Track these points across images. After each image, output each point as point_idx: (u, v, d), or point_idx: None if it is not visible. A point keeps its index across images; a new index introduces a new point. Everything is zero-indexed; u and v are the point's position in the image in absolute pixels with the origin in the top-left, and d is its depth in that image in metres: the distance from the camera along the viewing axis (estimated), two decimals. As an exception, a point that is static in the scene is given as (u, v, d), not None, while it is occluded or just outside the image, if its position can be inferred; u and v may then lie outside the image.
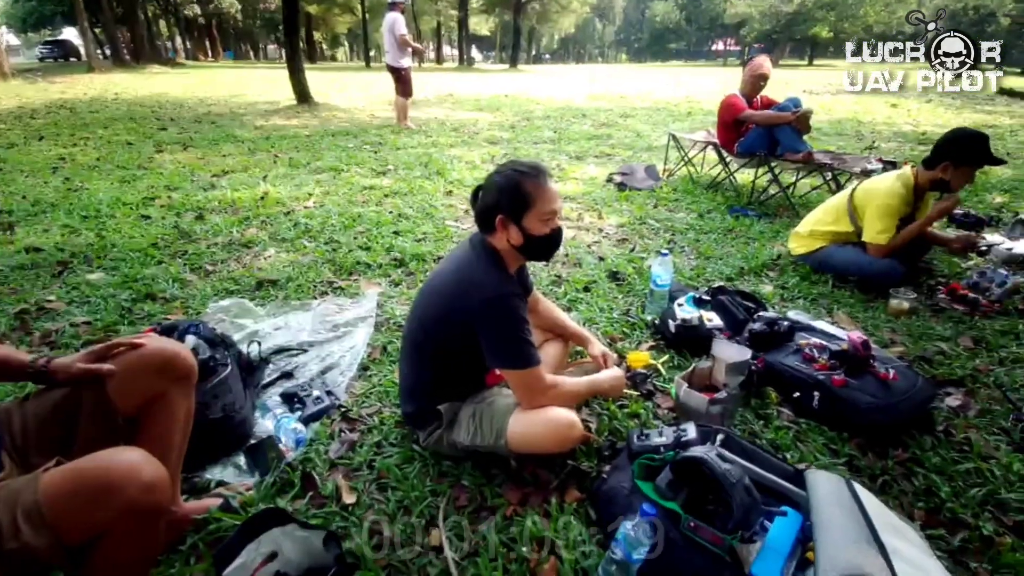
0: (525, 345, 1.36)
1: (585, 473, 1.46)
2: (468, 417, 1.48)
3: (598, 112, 10.11)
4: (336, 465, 1.53)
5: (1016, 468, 1.51)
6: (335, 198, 4.21)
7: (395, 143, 6.68)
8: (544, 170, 1.41)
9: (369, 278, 2.80)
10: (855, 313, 2.46)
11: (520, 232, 1.38)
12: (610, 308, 2.47)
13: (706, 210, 4.03)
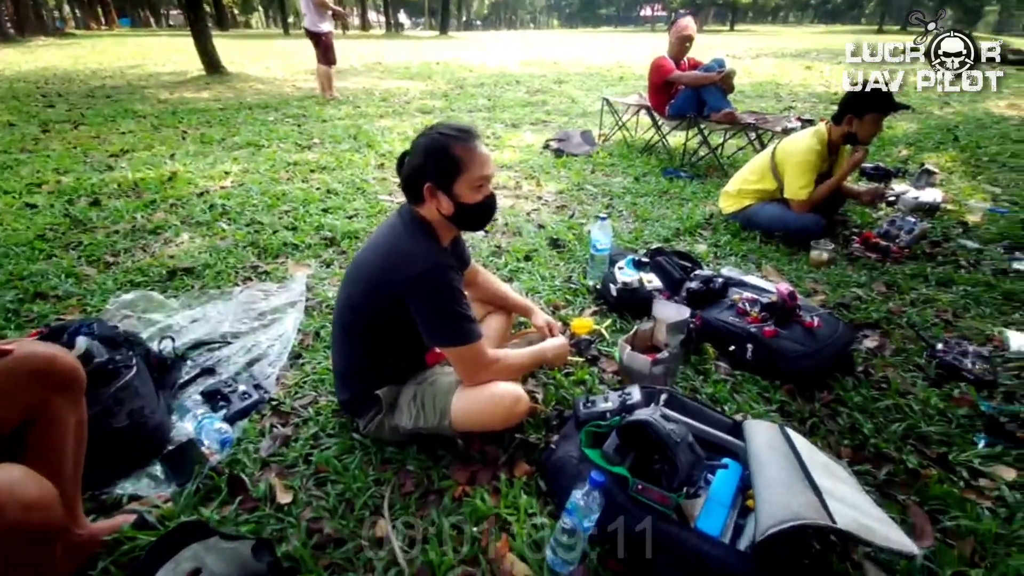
0: (463, 320, 1.29)
1: (534, 445, 1.44)
2: (409, 400, 1.41)
3: (532, 79, 9.93)
4: (268, 463, 1.42)
5: (933, 402, 1.64)
6: (255, 176, 3.89)
7: (320, 115, 6.26)
8: (474, 132, 1.32)
9: (297, 260, 2.61)
10: (781, 266, 2.58)
11: (450, 200, 1.29)
12: (552, 276, 2.44)
13: (641, 173, 4.07)
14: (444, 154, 1.26)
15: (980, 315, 2.16)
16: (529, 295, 2.29)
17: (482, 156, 1.29)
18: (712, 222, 3.10)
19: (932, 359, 1.84)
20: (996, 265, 2.56)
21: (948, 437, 1.52)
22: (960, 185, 3.74)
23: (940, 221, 3.07)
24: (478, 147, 1.29)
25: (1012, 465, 1.42)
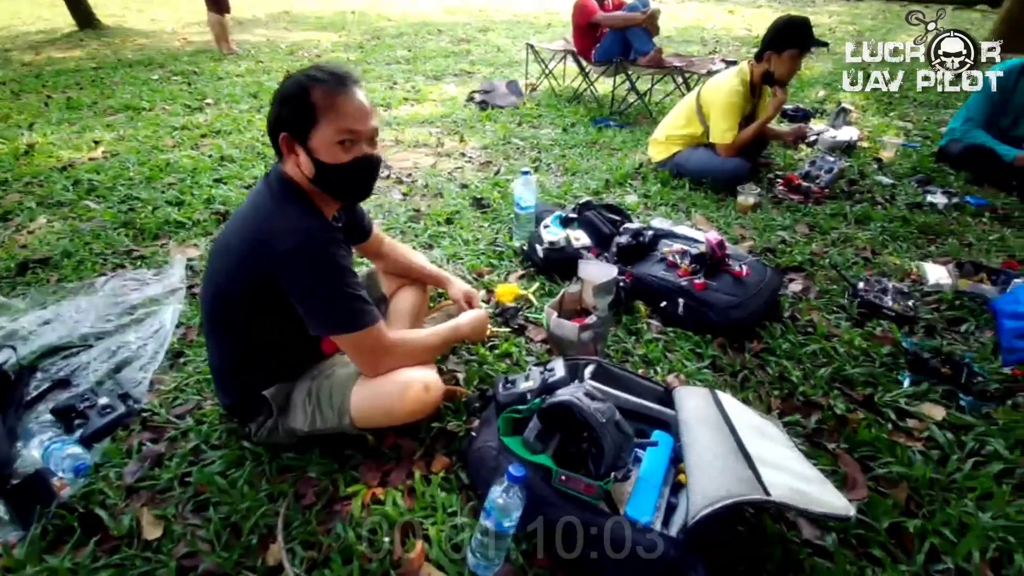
0: (353, 301, 1.09)
1: (454, 434, 1.29)
2: (303, 398, 1.21)
3: (456, 27, 9.32)
4: (136, 490, 1.19)
5: (857, 343, 1.63)
6: (133, 144, 3.37)
7: (215, 71, 5.55)
8: (347, 77, 1.08)
9: (182, 240, 2.26)
10: (710, 213, 2.52)
11: (308, 157, 1.06)
12: (475, 239, 2.25)
13: (570, 124, 3.88)
14: (301, 99, 1.03)
15: (898, 251, 2.20)
16: (451, 262, 2.10)
17: (350, 105, 1.06)
18: (642, 171, 3.00)
19: (854, 299, 1.84)
20: (910, 199, 2.63)
21: (873, 378, 1.51)
22: (874, 122, 3.83)
23: (857, 159, 3.12)
24: (347, 94, 1.06)
25: (939, 402, 1.43)
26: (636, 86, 4.19)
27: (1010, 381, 1.47)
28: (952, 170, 2.92)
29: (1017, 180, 2.71)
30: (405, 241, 2.25)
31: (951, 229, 2.35)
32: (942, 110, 4.17)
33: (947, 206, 2.53)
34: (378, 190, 2.78)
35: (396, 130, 3.76)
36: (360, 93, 1.10)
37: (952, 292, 1.88)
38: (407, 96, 4.63)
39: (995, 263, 2.08)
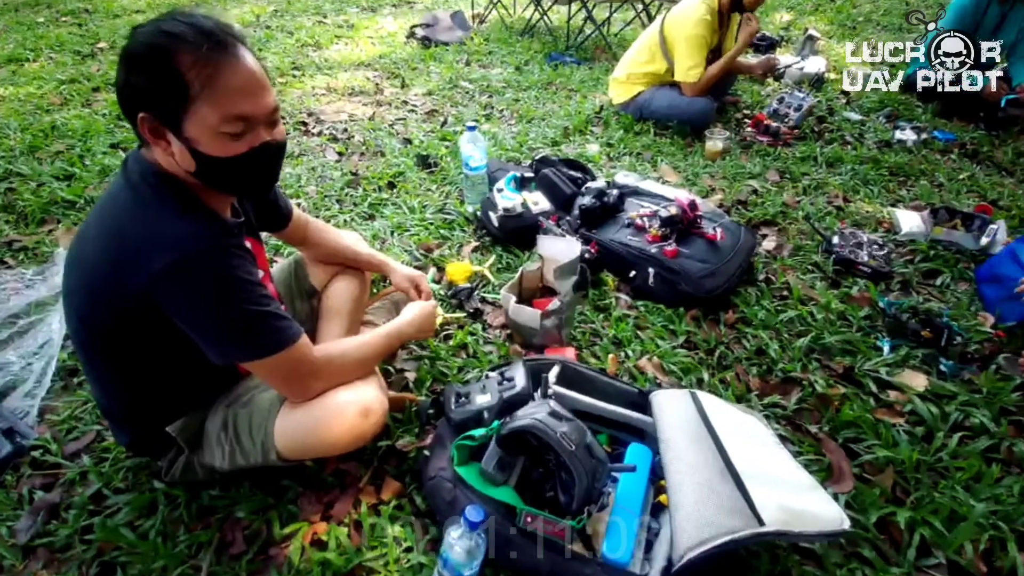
0: (260, 320, 0.87)
1: (405, 452, 1.14)
2: (218, 431, 1.01)
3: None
4: (33, 550, 1.00)
5: (834, 306, 1.54)
6: (12, 105, 2.84)
7: (110, 7, 4.76)
8: (225, 31, 0.80)
9: (72, 224, 1.92)
10: (677, 162, 2.34)
11: (183, 145, 0.80)
12: (422, 206, 2.01)
13: (523, 62, 3.53)
14: (163, 69, 0.75)
15: (869, 195, 2.10)
16: (395, 235, 1.86)
17: (237, 78, 0.78)
18: (603, 115, 2.75)
19: (829, 254, 1.73)
20: (879, 136, 2.52)
21: (852, 345, 1.43)
22: (840, 51, 3.64)
23: (825, 93, 2.96)
24: (231, 62, 0.78)
25: (919, 368, 1.36)
26: (593, 15, 3.84)
27: (991, 341, 1.42)
28: (920, 103, 2.81)
29: (984, 111, 2.63)
30: (343, 212, 1.99)
31: (921, 169, 2.26)
32: (904, 34, 4.01)
33: (916, 143, 2.43)
34: (311, 150, 2.46)
35: (328, 75, 3.32)
36: (248, 57, 0.82)
37: (927, 242, 1.80)
38: (339, 33, 4.11)
39: (967, 205, 2.02)
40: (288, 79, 3.23)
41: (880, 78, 3.00)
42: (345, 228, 1.89)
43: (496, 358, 1.36)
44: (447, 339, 1.45)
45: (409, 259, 1.73)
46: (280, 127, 0.89)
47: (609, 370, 1.32)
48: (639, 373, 1.33)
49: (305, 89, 3.11)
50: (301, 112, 2.82)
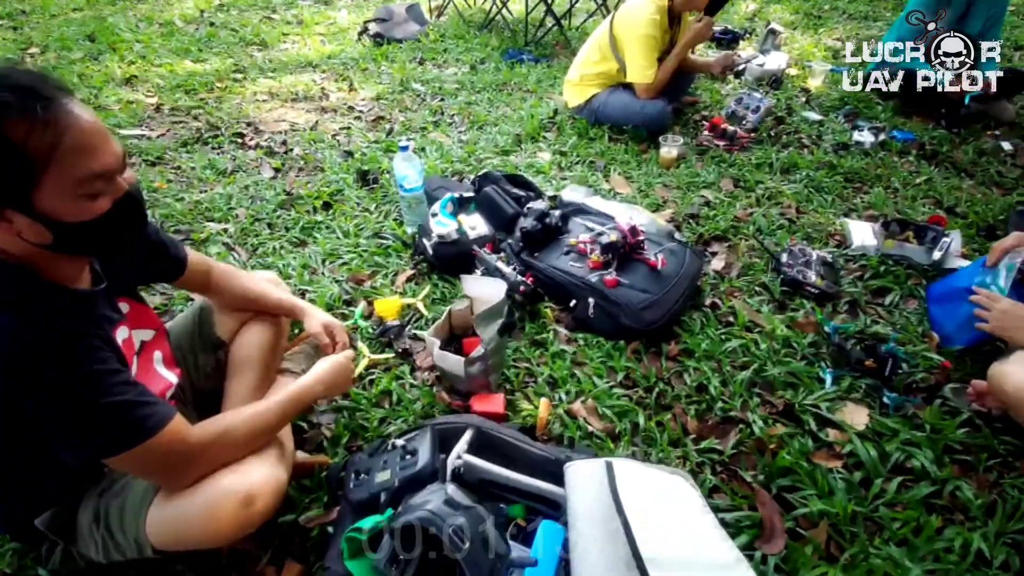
0: (123, 410, 0.77)
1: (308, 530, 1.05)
2: (89, 523, 0.92)
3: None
4: None
5: (779, 333, 1.48)
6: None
7: (47, 4, 4.48)
8: (52, 87, 0.70)
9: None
10: (630, 171, 2.25)
11: (36, 222, 0.70)
12: (358, 229, 1.90)
13: (479, 60, 3.40)
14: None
15: (823, 204, 2.04)
16: (327, 263, 1.75)
17: (85, 134, 0.69)
18: (557, 120, 2.65)
19: (777, 275, 1.67)
20: (837, 138, 2.45)
21: (795, 376, 1.37)
22: (804, 43, 3.57)
23: (784, 91, 2.89)
24: (71, 120, 0.69)
25: (862, 401, 1.31)
26: (552, 7, 3.70)
27: (937, 369, 1.37)
28: (880, 99, 2.75)
29: (946, 108, 2.58)
30: (273, 237, 1.88)
31: (877, 174, 2.20)
32: (871, 23, 3.95)
33: (874, 145, 2.37)
34: (246, 165, 2.32)
35: (272, 78, 3.15)
36: (81, 106, 0.72)
37: (878, 256, 1.75)
38: (287, 31, 3.91)
39: (922, 213, 1.97)
40: (228, 84, 3.06)
41: (841, 75, 2.94)
42: (274, 256, 1.79)
43: (420, 408, 1.28)
44: (372, 383, 1.36)
45: (339, 291, 1.62)
46: (128, 171, 0.79)
47: (540, 417, 1.25)
48: (571, 420, 1.25)
49: (246, 95, 2.95)
50: (239, 122, 2.67)
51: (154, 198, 2.06)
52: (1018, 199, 2.07)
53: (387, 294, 1.62)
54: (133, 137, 2.51)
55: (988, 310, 1.28)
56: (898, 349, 1.41)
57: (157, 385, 0.98)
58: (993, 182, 2.19)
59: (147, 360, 1.01)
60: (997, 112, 2.62)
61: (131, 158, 2.35)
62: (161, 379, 1.01)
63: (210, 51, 3.50)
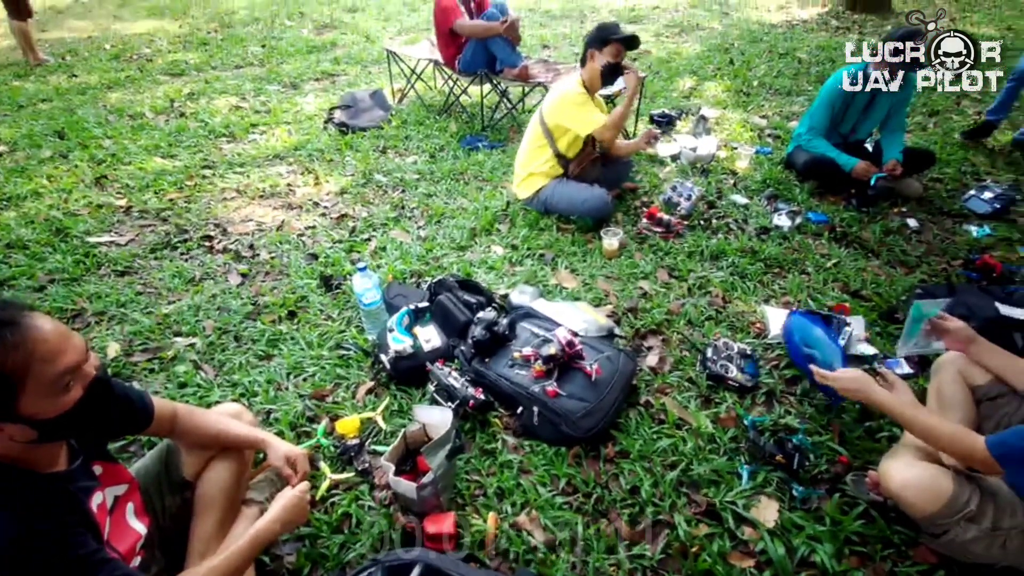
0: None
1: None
2: None
3: (320, 6, 8.42)
4: None
5: (704, 430, 1.65)
6: None
7: (16, 96, 4.60)
8: (11, 308, 0.85)
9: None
10: (576, 264, 2.46)
11: (21, 425, 0.84)
12: (321, 340, 2.03)
13: (438, 147, 3.64)
14: None
15: (746, 292, 2.27)
16: (291, 377, 1.87)
17: (49, 342, 0.84)
18: (510, 211, 2.86)
19: (704, 368, 1.86)
20: (759, 222, 2.72)
21: (717, 474, 1.54)
22: (733, 121, 3.93)
23: (715, 175, 3.18)
24: (35, 332, 0.83)
25: (773, 495, 1.48)
26: (507, 95, 4.01)
27: (836, 461, 1.55)
28: (798, 181, 3.06)
29: (855, 188, 2.89)
30: (239, 351, 1.99)
31: (794, 259, 2.45)
32: (793, 98, 4.38)
33: (791, 228, 2.65)
34: (213, 272, 2.44)
35: (240, 173, 3.32)
36: (42, 316, 0.87)
37: (792, 345, 1.96)
38: (256, 120, 4.11)
39: (831, 298, 2.21)
40: (197, 181, 3.21)
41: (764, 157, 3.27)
42: (240, 372, 1.89)
43: (377, 532, 1.39)
44: (332, 507, 1.47)
45: (302, 408, 1.74)
46: (91, 355, 0.93)
47: (488, 533, 1.37)
48: (516, 534, 1.38)
49: (214, 192, 3.10)
50: (207, 223, 2.80)
51: (122, 313, 2.16)
52: (920, 278, 2.34)
53: (348, 408, 1.74)
54: (103, 244, 2.61)
55: None
56: (805, 440, 1.60)
57: (129, 539, 1.08)
58: (898, 260, 2.47)
59: (120, 516, 1.11)
60: (904, 189, 2.94)
61: (100, 268, 2.45)
62: (132, 532, 1.11)
63: (180, 146, 3.66)
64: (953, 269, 2.37)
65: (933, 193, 2.97)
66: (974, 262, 2.34)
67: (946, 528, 1.25)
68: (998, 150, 3.46)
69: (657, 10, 7.60)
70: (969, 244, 2.54)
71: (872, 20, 6.68)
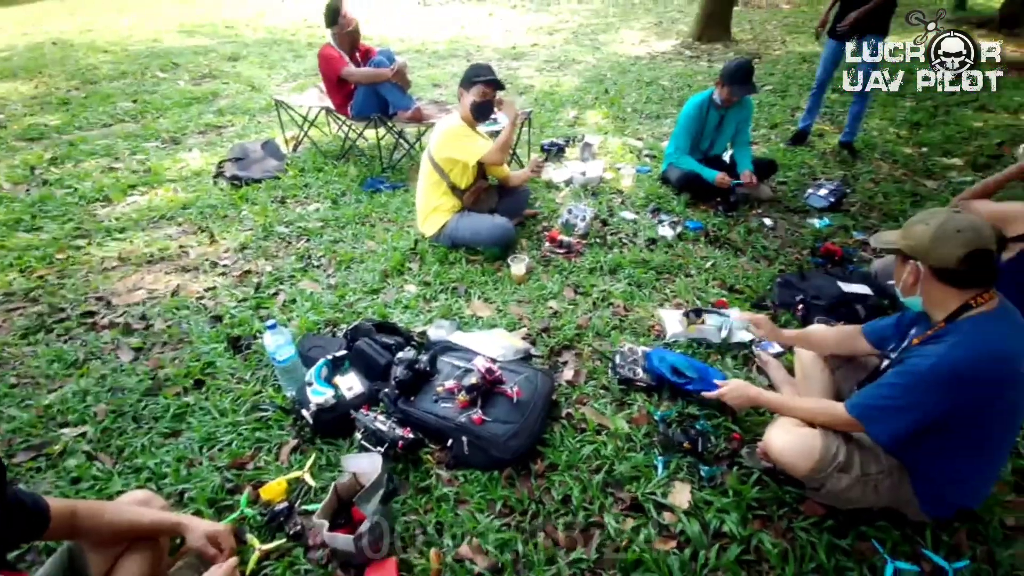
0: None
1: None
2: None
3: (196, 56, 8.03)
4: None
5: (621, 431, 1.80)
6: None
7: None
8: None
9: None
10: (488, 292, 2.57)
11: None
12: (234, 406, 1.94)
13: (340, 192, 3.63)
14: None
15: (643, 299, 2.50)
16: (205, 450, 1.77)
17: None
18: (418, 249, 2.93)
19: (614, 374, 2.03)
20: (648, 234, 3.02)
21: (637, 469, 1.68)
22: (614, 144, 4.33)
23: (604, 195, 3.48)
24: None
25: (685, 479, 1.64)
26: (404, 136, 4.10)
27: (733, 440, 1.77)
28: (675, 194, 3.43)
29: (720, 197, 3.31)
30: (139, 433, 1.85)
31: (679, 264, 2.75)
32: (662, 120, 4.91)
33: (674, 237, 2.97)
34: (99, 351, 2.25)
35: (121, 239, 3.09)
36: None
37: (686, 341, 2.19)
38: (134, 180, 3.84)
39: (713, 295, 2.50)
40: (70, 253, 2.94)
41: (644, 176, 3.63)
42: (144, 455, 1.77)
43: (317, 592, 1.36)
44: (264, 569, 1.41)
45: (220, 481, 1.66)
46: None
47: (432, 572, 1.40)
48: (459, 565, 1.42)
49: (92, 264, 2.85)
50: (87, 298, 2.57)
51: (-7, 412, 1.92)
52: (780, 268, 2.72)
53: (273, 472, 1.69)
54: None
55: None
56: (706, 425, 1.81)
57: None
58: (761, 255, 2.85)
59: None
60: (758, 194, 3.41)
61: (-42, 365, 2.16)
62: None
63: (45, 216, 3.32)
64: (804, 258, 2.80)
65: (781, 194, 3.48)
66: (819, 250, 2.78)
67: (823, 481, 1.47)
68: (828, 152, 4.13)
69: (536, 47, 8.16)
70: (814, 235, 3.01)
71: (717, 48, 7.68)
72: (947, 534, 1.49)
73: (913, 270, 1.35)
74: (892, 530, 1.49)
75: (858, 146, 4.11)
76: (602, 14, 11.13)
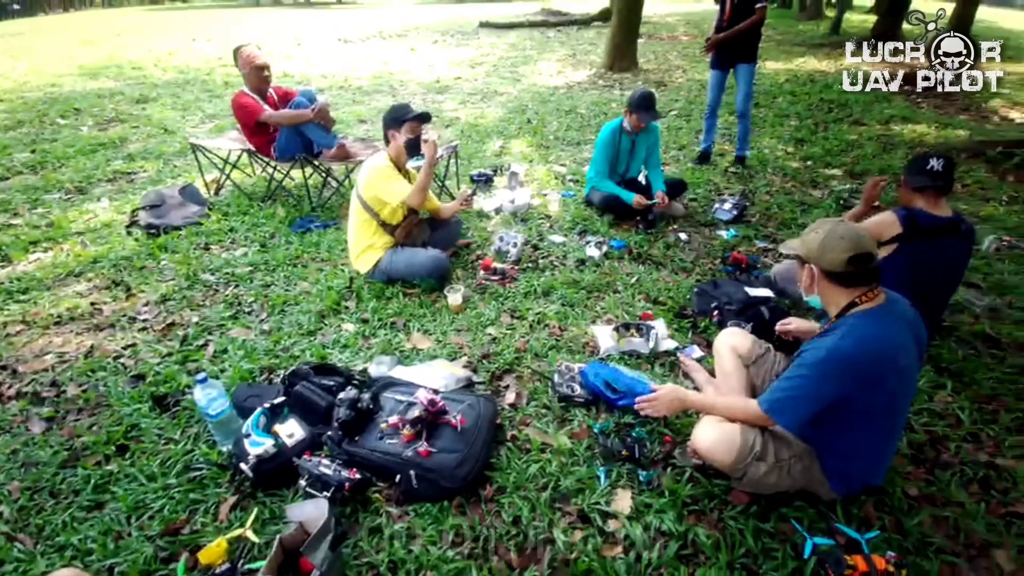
0: None
1: None
2: None
3: (100, 99, 7.58)
4: None
5: (564, 447, 1.87)
6: None
7: None
8: None
9: None
10: (427, 324, 2.60)
11: None
12: (164, 469, 1.84)
13: (269, 235, 3.55)
14: None
15: (576, 318, 2.63)
16: (133, 521, 1.67)
17: None
18: (354, 287, 2.92)
19: (554, 392, 2.12)
20: (577, 255, 3.18)
21: (581, 482, 1.77)
22: (539, 172, 4.54)
23: (533, 221, 3.64)
24: None
25: (626, 485, 1.74)
26: (332, 174, 4.08)
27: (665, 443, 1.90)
28: (599, 215, 3.65)
29: (640, 216, 3.55)
30: (58, 510, 1.72)
31: (607, 282, 2.92)
32: (583, 147, 5.20)
33: (600, 257, 3.15)
34: (7, 425, 2.07)
35: (24, 302, 2.85)
36: None
37: (617, 354, 2.33)
38: (36, 236, 3.56)
39: (640, 308, 2.68)
40: (-38, 322, 2.68)
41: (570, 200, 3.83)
42: (67, 532, 1.64)
43: (268, 652, 1.32)
44: (212, 645, 1.35)
45: (153, 551, 1.57)
46: None
47: (386, 609, 1.39)
48: (415, 601, 1.42)
49: (-10, 331, 2.61)
50: (-13, 369, 2.35)
51: None
52: (697, 279, 2.96)
53: (211, 533, 1.61)
54: None
55: None
56: (641, 431, 1.93)
57: None
58: (680, 268, 3.09)
59: None
60: (672, 211, 3.70)
61: None
62: None
63: (-73, 283, 3.01)
64: (716, 267, 3.06)
65: (692, 210, 3.79)
66: (728, 259, 3.05)
67: (745, 470, 1.62)
68: (728, 169, 4.55)
69: (460, 80, 8.41)
70: (723, 245, 3.30)
71: (627, 77, 8.27)
72: (856, 507, 1.66)
73: (809, 272, 1.55)
74: (808, 509, 1.65)
75: (752, 163, 4.57)
76: (519, 47, 11.67)
